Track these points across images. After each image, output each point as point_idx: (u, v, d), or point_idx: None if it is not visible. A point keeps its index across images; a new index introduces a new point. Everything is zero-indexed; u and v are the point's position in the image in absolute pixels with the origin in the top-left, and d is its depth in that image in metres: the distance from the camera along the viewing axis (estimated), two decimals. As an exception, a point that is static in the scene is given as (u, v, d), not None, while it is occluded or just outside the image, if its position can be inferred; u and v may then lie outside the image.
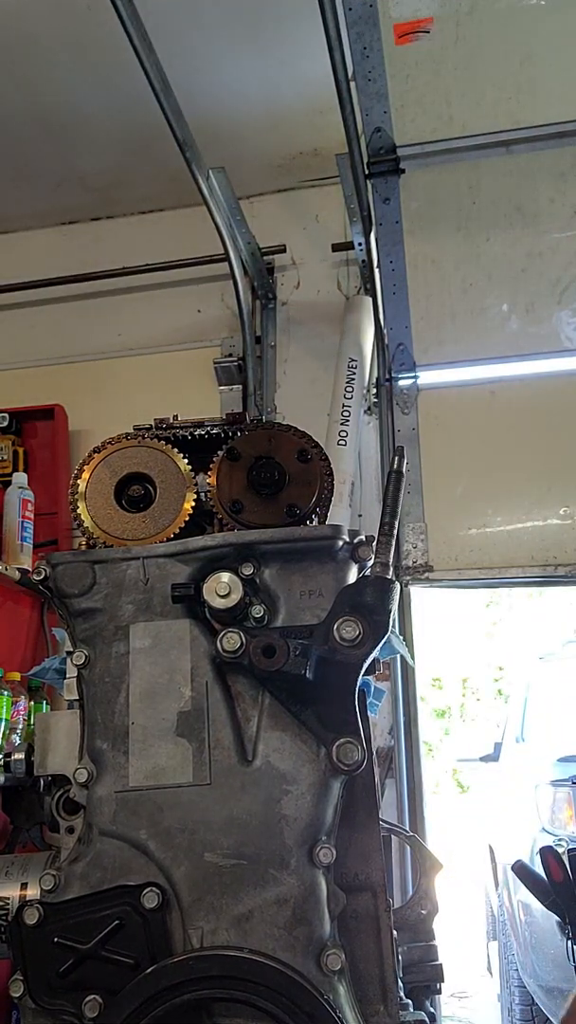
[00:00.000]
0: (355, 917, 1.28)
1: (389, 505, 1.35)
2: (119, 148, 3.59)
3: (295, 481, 1.48)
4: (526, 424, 3.45)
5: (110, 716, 1.33)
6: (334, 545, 1.37)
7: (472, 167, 3.28)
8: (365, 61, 2.75)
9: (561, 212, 3.38)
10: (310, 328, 3.76)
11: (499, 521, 3.40)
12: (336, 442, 3.31)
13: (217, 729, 1.30)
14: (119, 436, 1.54)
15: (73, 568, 1.38)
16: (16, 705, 2.78)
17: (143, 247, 3.88)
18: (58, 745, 1.38)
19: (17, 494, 3.25)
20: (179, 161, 2.92)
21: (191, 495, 1.47)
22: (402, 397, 3.57)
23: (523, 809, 3.97)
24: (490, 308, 3.50)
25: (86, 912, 1.23)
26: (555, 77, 2.98)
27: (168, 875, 1.24)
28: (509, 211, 3.40)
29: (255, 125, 3.48)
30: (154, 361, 3.84)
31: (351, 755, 1.25)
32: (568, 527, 3.34)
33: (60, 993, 1.20)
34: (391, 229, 3.25)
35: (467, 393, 3.56)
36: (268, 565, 1.37)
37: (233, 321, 3.72)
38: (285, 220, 3.84)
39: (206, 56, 3.14)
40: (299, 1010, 1.09)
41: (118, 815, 1.28)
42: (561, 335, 3.45)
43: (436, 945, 1.55)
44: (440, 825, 7.80)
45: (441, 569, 3.40)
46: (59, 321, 3.97)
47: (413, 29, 2.79)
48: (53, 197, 3.88)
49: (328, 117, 3.09)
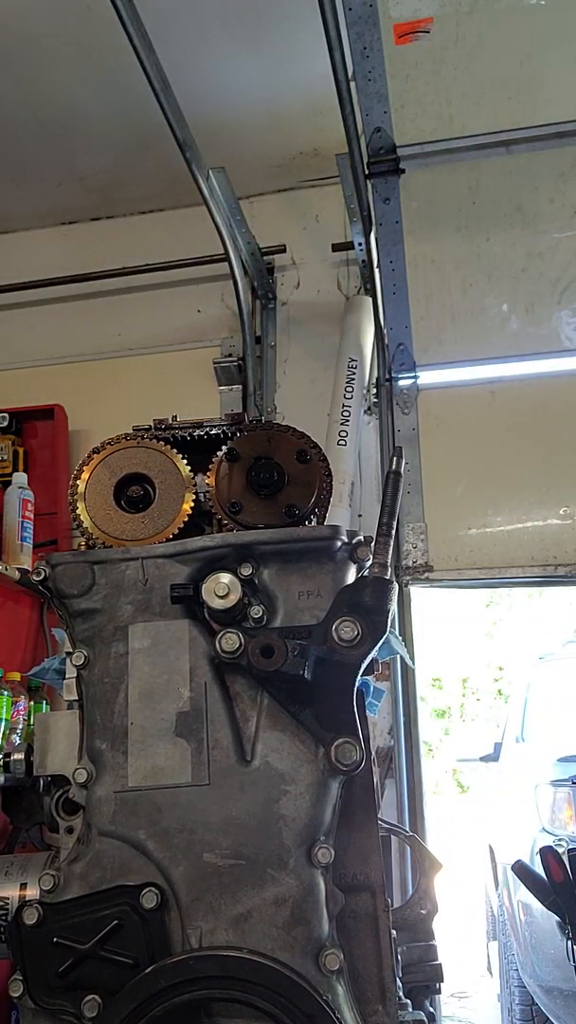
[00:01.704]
0: (354, 917, 1.28)
1: (388, 505, 1.35)
2: (119, 148, 3.59)
3: (294, 481, 1.48)
4: (526, 424, 3.45)
5: (109, 716, 1.33)
6: (333, 545, 1.37)
7: (472, 167, 3.28)
8: (365, 61, 2.75)
9: (561, 212, 3.38)
10: (310, 328, 3.76)
11: (499, 521, 3.40)
12: (336, 442, 3.31)
13: (216, 729, 1.30)
14: (119, 437, 1.54)
15: (72, 568, 1.38)
16: (16, 705, 2.78)
17: (143, 247, 3.88)
18: (58, 745, 1.39)
19: (17, 494, 3.26)
20: (179, 161, 2.92)
21: (190, 496, 1.47)
22: (402, 397, 3.57)
23: (523, 809, 3.97)
24: (490, 308, 3.50)
25: (85, 912, 1.23)
26: (555, 77, 2.98)
27: (167, 875, 1.24)
28: (509, 211, 3.40)
29: (255, 125, 3.48)
30: (154, 361, 3.84)
31: (349, 755, 1.25)
32: (568, 527, 3.34)
33: (59, 993, 1.20)
34: (391, 229, 3.25)
35: (467, 393, 3.56)
36: (267, 565, 1.37)
37: (233, 321, 3.73)
38: (285, 220, 3.84)
39: (206, 56, 3.14)
40: (298, 1010, 1.09)
41: (117, 815, 1.28)
42: (561, 335, 3.45)
43: (436, 945, 1.55)
44: (440, 825, 7.80)
45: (441, 569, 3.40)
46: (59, 321, 3.97)
47: (413, 29, 2.79)
48: (53, 197, 3.88)
49: (328, 117, 3.09)
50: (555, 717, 4.63)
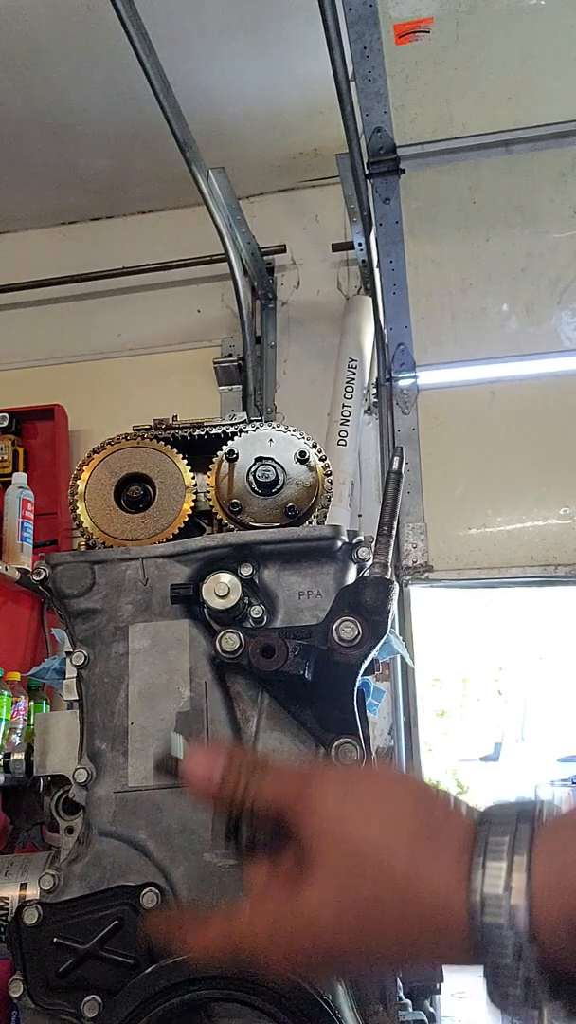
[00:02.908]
0: (354, 917, 1.28)
1: (388, 505, 1.35)
2: (119, 148, 3.59)
3: (294, 482, 1.48)
4: (526, 424, 3.45)
5: (109, 716, 1.33)
6: (333, 545, 1.37)
7: (472, 167, 3.28)
8: (365, 61, 2.75)
9: (561, 212, 3.38)
10: (310, 328, 3.76)
11: (499, 521, 3.40)
12: (336, 442, 3.31)
13: (216, 729, 1.30)
14: (118, 437, 1.54)
15: (72, 568, 1.38)
16: (16, 705, 2.79)
17: (143, 247, 3.88)
18: (58, 745, 1.38)
19: (17, 494, 3.26)
20: (179, 161, 2.92)
21: (190, 496, 1.47)
22: (402, 397, 3.57)
23: (523, 809, 3.97)
24: (490, 308, 3.51)
25: (85, 912, 1.23)
26: (555, 77, 2.98)
27: (167, 875, 1.24)
28: (509, 211, 3.40)
29: (255, 125, 3.48)
30: (154, 361, 3.84)
31: (350, 755, 1.25)
32: (568, 527, 3.33)
33: (59, 993, 1.20)
34: (391, 229, 3.25)
35: (467, 393, 3.56)
36: (267, 565, 1.37)
37: (233, 321, 3.72)
38: (285, 220, 3.84)
39: (206, 56, 3.14)
40: (297, 1010, 1.09)
41: (117, 815, 1.28)
42: (561, 335, 3.45)
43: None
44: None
45: (441, 569, 3.40)
46: (59, 321, 3.97)
47: (413, 29, 2.78)
48: (53, 197, 3.88)
49: (328, 117, 3.09)
50: (555, 717, 4.64)
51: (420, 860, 0.59)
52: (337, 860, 0.61)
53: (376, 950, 0.60)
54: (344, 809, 0.62)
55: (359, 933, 0.59)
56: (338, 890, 0.60)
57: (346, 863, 0.60)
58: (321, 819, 0.62)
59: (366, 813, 0.62)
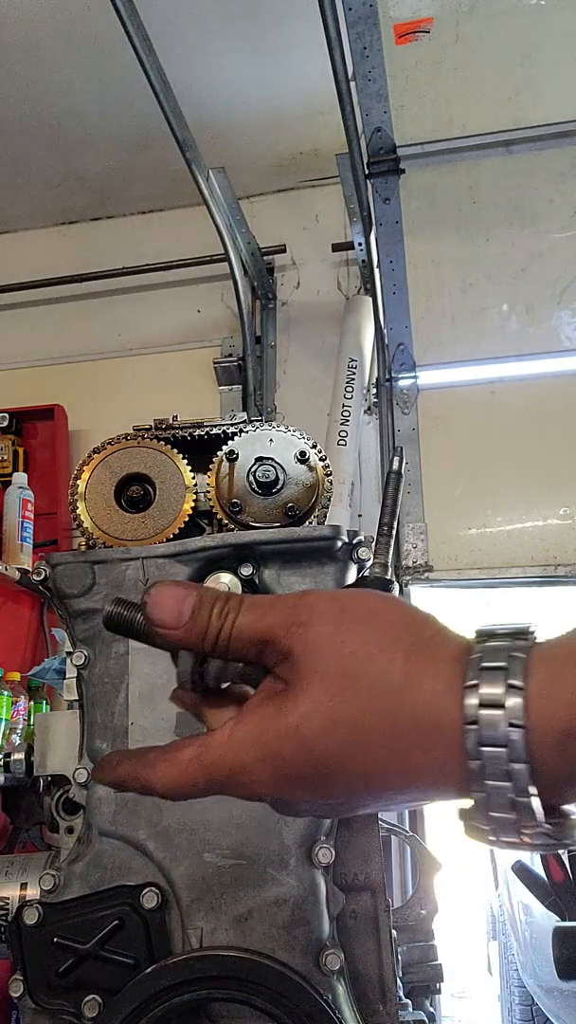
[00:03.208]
0: (354, 917, 1.28)
1: (388, 505, 1.35)
2: (119, 148, 3.59)
3: (294, 482, 1.48)
4: (526, 424, 3.45)
5: (109, 716, 1.33)
6: (333, 545, 1.37)
7: (472, 167, 3.28)
8: (365, 61, 2.75)
9: (561, 212, 3.39)
10: (310, 328, 3.76)
11: (499, 521, 3.40)
12: (336, 442, 3.31)
13: (216, 729, 1.30)
14: (119, 436, 1.53)
15: (72, 568, 1.38)
16: (16, 705, 2.79)
17: (143, 247, 3.88)
18: (58, 745, 1.38)
19: (17, 494, 3.26)
20: (179, 161, 2.92)
21: (190, 496, 1.47)
22: (402, 397, 3.57)
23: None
24: (490, 308, 3.51)
25: (86, 912, 1.23)
26: (555, 77, 2.98)
27: (167, 875, 1.24)
28: (509, 211, 3.41)
29: (255, 125, 3.48)
30: (154, 361, 3.84)
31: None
32: (568, 527, 3.34)
33: (60, 993, 1.20)
34: (391, 229, 3.25)
35: (467, 393, 3.56)
36: (267, 565, 1.37)
37: (233, 321, 3.73)
38: (285, 220, 3.84)
39: (206, 56, 3.15)
40: (298, 1010, 1.09)
41: (117, 815, 1.28)
42: (561, 335, 3.46)
43: (436, 945, 1.55)
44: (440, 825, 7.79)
45: (441, 569, 3.40)
46: (59, 321, 3.97)
47: (413, 29, 2.79)
48: (53, 197, 3.88)
49: (328, 117, 3.10)
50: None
51: (414, 672, 0.58)
52: (331, 670, 0.59)
53: (366, 762, 0.58)
54: (339, 624, 0.61)
55: (350, 742, 0.58)
56: (331, 698, 0.59)
57: (340, 673, 0.59)
58: (315, 633, 0.61)
59: (361, 628, 0.61)
